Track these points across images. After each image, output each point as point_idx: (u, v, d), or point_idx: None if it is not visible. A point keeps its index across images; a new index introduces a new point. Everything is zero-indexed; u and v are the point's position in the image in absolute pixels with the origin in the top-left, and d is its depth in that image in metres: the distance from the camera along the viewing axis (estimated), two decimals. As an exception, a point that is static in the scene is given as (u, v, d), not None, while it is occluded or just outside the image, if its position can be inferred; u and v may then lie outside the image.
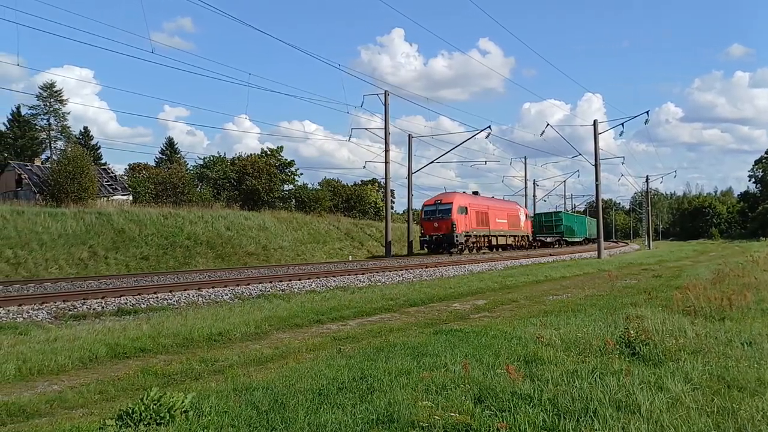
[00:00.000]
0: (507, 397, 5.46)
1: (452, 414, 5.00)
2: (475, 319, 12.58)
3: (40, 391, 7.10)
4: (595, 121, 42.88)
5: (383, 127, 43.95)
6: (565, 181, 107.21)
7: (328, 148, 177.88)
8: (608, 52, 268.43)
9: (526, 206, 72.70)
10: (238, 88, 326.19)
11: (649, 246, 78.45)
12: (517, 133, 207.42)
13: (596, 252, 43.19)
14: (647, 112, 42.62)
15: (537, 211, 77.98)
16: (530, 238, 61.31)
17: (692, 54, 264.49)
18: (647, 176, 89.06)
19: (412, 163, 48.40)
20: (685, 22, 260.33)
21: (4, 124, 77.83)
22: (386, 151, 43.89)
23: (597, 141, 42.44)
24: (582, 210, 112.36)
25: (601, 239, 43.97)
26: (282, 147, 76.23)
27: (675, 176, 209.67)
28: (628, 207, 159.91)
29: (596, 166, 42.60)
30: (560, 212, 74.78)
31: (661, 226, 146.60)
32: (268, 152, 73.97)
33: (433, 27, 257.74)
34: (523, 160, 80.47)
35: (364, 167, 54.94)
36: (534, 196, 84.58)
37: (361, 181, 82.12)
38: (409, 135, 49.05)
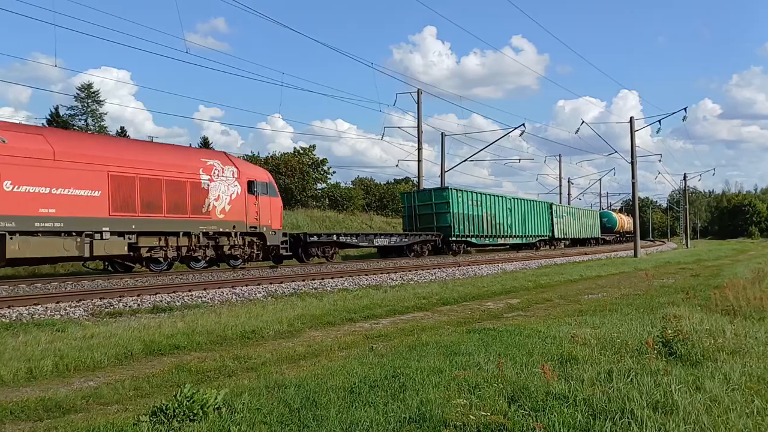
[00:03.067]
0: (541, 397, 5.39)
1: (485, 413, 4.95)
2: (508, 318, 12.49)
3: (76, 387, 7.17)
4: (631, 118, 42.36)
5: (416, 125, 43.85)
6: (600, 179, 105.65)
7: (361, 147, 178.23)
8: (644, 48, 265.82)
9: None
10: (272, 87, 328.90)
11: (687, 245, 77.28)
12: (552, 130, 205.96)
13: (632, 251, 42.68)
14: (685, 109, 41.98)
15: (416, 190, 44.06)
16: (266, 241, 25.73)
17: (730, 49, 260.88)
18: (685, 174, 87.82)
19: (445, 161, 48.13)
20: (721, 17, 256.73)
21: (43, 124, 79.21)
22: (419, 149, 43.81)
23: (633, 138, 41.93)
24: (618, 208, 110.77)
25: (638, 238, 43.45)
26: (314, 146, 76.43)
27: (713, 174, 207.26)
28: (665, 205, 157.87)
29: (632, 163, 42.10)
30: (446, 191, 39.28)
31: (699, 225, 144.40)
32: (301, 151, 74.31)
33: (466, 24, 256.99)
34: (558, 158, 79.53)
35: (397, 166, 55.49)
36: (569, 194, 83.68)
37: (394, 179, 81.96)
38: (442, 133, 48.83)
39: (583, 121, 43.51)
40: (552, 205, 55.04)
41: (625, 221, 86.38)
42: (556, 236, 54.51)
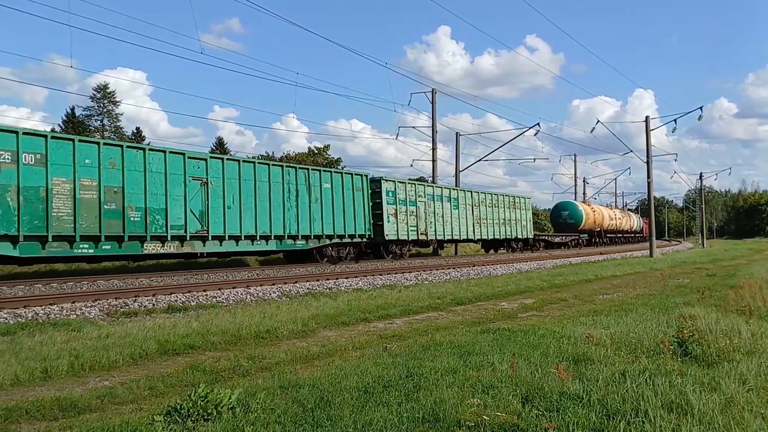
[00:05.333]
0: (555, 397, 5.37)
1: (499, 414, 4.94)
2: (523, 318, 12.45)
3: (92, 387, 7.21)
4: (646, 117, 42.12)
5: (430, 125, 43.81)
6: (615, 179, 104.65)
7: (375, 147, 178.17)
8: (659, 47, 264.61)
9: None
10: (286, 87, 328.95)
11: (703, 245, 76.73)
12: (567, 130, 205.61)
13: (648, 251, 42.46)
14: (700, 108, 41.64)
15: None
16: None
17: (745, 48, 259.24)
18: (701, 173, 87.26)
19: (460, 161, 47.95)
20: (735, 16, 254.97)
21: (59, 125, 79.77)
22: (433, 149, 43.74)
23: (649, 138, 41.68)
24: (634, 208, 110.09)
25: (653, 238, 43.18)
26: (329, 145, 76.61)
27: (730, 173, 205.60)
28: (681, 205, 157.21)
29: (648, 163, 41.85)
30: None
31: (715, 225, 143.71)
32: (316, 151, 74.44)
33: (480, 24, 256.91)
34: (573, 157, 79.11)
35: (411, 165, 54.39)
36: (584, 193, 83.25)
37: (408, 179, 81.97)
38: (457, 133, 48.75)
39: (598, 121, 43.06)
40: (381, 180, 31.93)
41: (604, 216, 65.99)
42: (390, 237, 31.68)
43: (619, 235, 72.97)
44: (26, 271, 22.16)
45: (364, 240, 30.47)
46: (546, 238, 53.25)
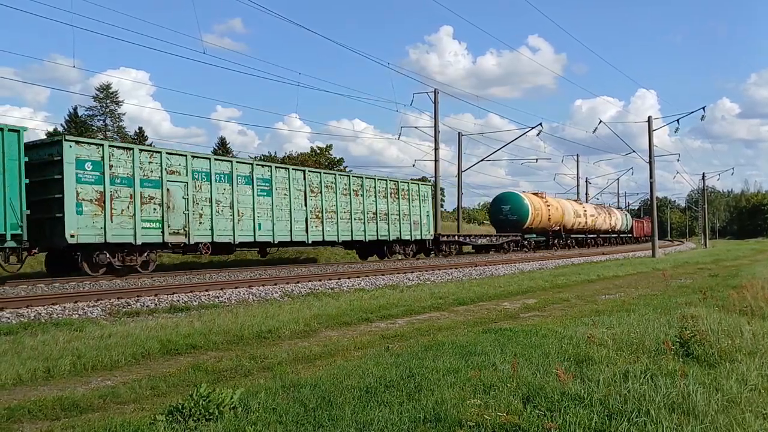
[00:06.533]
0: (556, 398, 5.37)
1: (500, 414, 4.94)
2: (524, 318, 12.45)
3: (94, 387, 7.22)
4: (649, 117, 42.07)
5: (432, 125, 43.78)
6: (618, 179, 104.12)
7: (378, 147, 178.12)
8: (662, 47, 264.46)
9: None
10: (289, 87, 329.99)
11: (706, 245, 76.64)
12: (569, 130, 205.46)
13: (650, 251, 42.42)
14: (703, 108, 41.68)
15: None
16: None
17: (748, 48, 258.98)
18: (703, 173, 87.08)
19: (462, 161, 47.88)
20: (738, 15, 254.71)
21: (61, 125, 79.86)
22: (436, 149, 43.72)
23: (651, 138, 41.62)
24: (636, 208, 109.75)
25: (656, 238, 43.15)
26: (331, 145, 76.79)
27: (732, 173, 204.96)
28: (683, 205, 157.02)
29: (650, 163, 41.81)
30: None
31: (717, 225, 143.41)
32: (318, 151, 74.52)
33: (482, 24, 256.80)
34: (575, 157, 78.98)
35: (414, 165, 54.29)
36: (586, 194, 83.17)
37: (411, 179, 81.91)
38: (459, 133, 48.75)
39: (600, 121, 42.91)
40: (63, 142, 18.61)
41: (566, 211, 52.81)
42: (81, 239, 18.71)
43: (592, 236, 60.40)
44: (28, 271, 22.16)
45: (9, 244, 17.49)
46: (458, 239, 39.41)
